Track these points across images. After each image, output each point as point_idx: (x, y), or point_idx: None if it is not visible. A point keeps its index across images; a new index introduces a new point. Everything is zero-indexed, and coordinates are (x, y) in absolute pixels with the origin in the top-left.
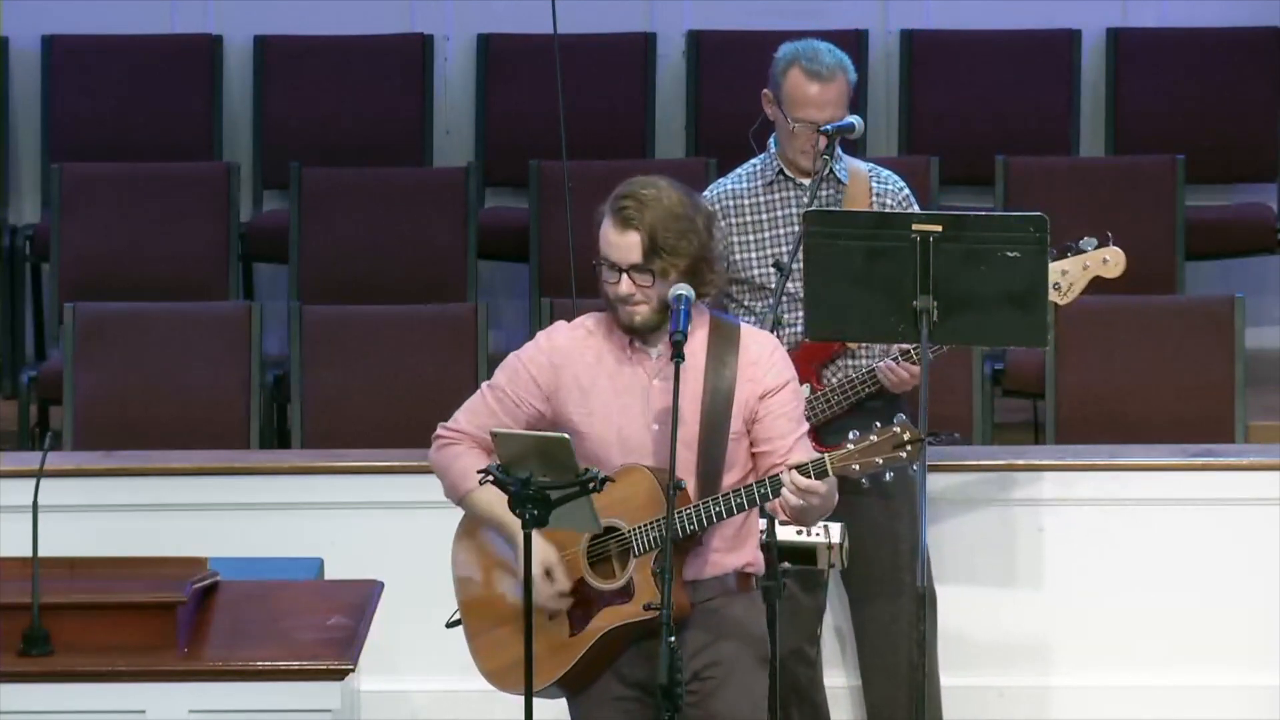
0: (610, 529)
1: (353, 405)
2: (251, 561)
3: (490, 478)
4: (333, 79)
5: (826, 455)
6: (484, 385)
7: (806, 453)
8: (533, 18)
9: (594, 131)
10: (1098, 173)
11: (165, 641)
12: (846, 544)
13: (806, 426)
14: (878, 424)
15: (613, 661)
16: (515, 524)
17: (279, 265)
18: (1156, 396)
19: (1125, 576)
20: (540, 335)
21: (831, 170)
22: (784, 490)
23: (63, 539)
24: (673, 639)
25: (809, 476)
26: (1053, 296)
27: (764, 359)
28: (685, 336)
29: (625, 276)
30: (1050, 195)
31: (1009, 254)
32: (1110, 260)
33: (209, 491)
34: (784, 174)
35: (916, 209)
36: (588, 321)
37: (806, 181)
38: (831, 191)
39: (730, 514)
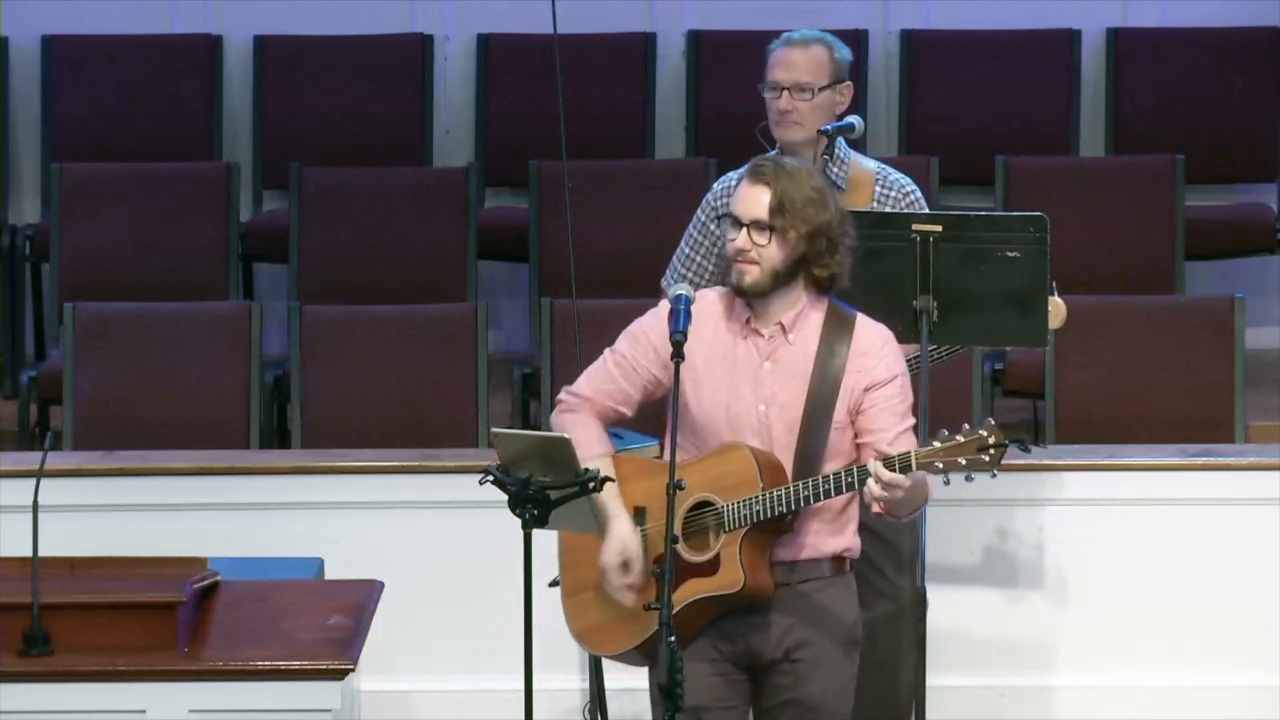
0: (706, 503)
1: (353, 405)
2: (251, 561)
3: (490, 478)
4: (333, 79)
5: (912, 451)
6: (607, 351)
7: (909, 446)
8: (533, 18)
9: (594, 131)
10: (1098, 173)
11: (165, 641)
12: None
13: (912, 421)
14: (966, 425)
15: (702, 631)
16: (612, 506)
17: (279, 265)
18: (1156, 396)
19: (1125, 576)
20: (662, 304)
21: (826, 174)
22: (869, 481)
23: (63, 539)
24: (672, 639)
25: (894, 470)
26: None
27: (875, 350)
28: (685, 337)
29: (745, 231)
30: (1050, 195)
31: (1009, 254)
32: (1053, 311)
33: (209, 491)
34: None
35: (925, 211)
36: (710, 295)
37: None
38: None
39: (818, 499)
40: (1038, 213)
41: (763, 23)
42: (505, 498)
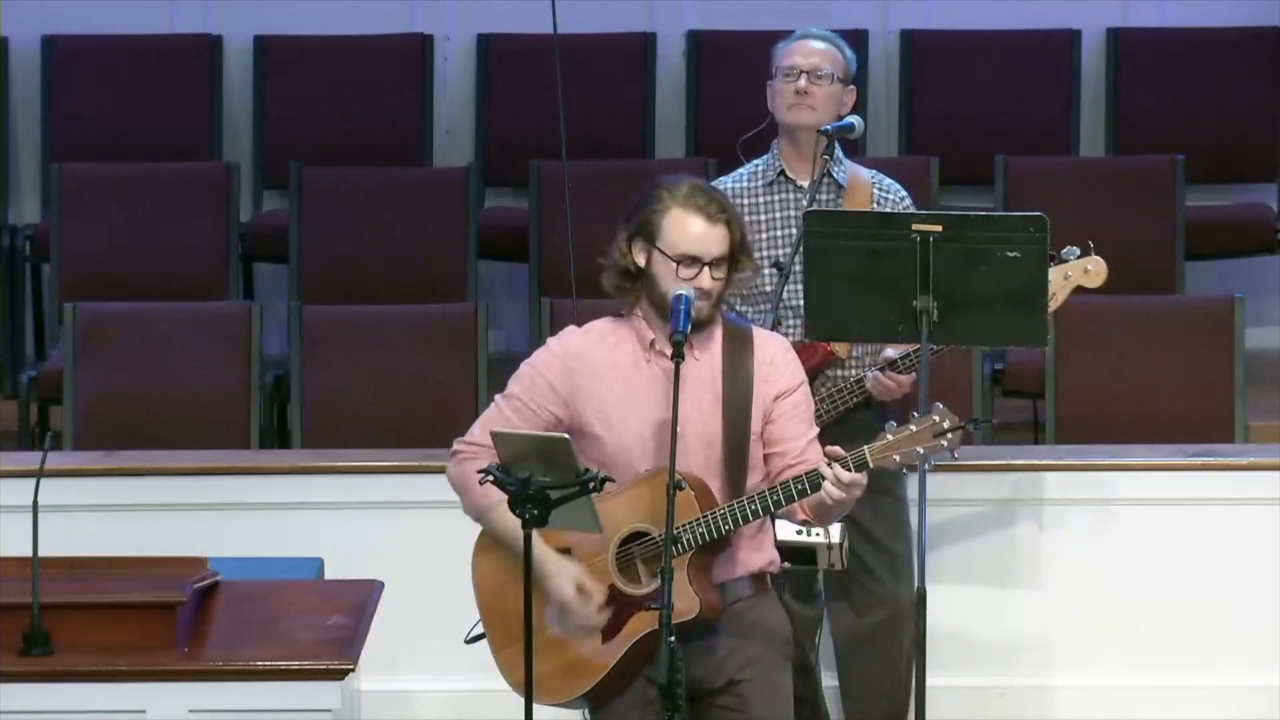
0: (639, 534)
1: (353, 405)
2: (251, 561)
3: (490, 478)
4: (333, 79)
5: (866, 448)
6: (498, 397)
7: (818, 454)
8: (533, 18)
9: (594, 131)
10: (1098, 173)
11: (165, 641)
12: (847, 544)
13: (816, 430)
14: (914, 414)
15: (644, 667)
16: (540, 550)
17: (279, 265)
18: (1156, 396)
19: (1125, 576)
20: (551, 341)
21: (829, 173)
22: (825, 485)
23: (63, 539)
24: (673, 639)
25: (849, 470)
26: None
27: (779, 359)
28: (685, 336)
29: (707, 270)
30: (1050, 195)
31: (1009, 254)
32: (1092, 269)
33: (209, 491)
34: (785, 175)
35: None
36: (598, 325)
37: (806, 183)
38: (831, 196)
39: (766, 513)
40: (1038, 213)
41: (763, 23)
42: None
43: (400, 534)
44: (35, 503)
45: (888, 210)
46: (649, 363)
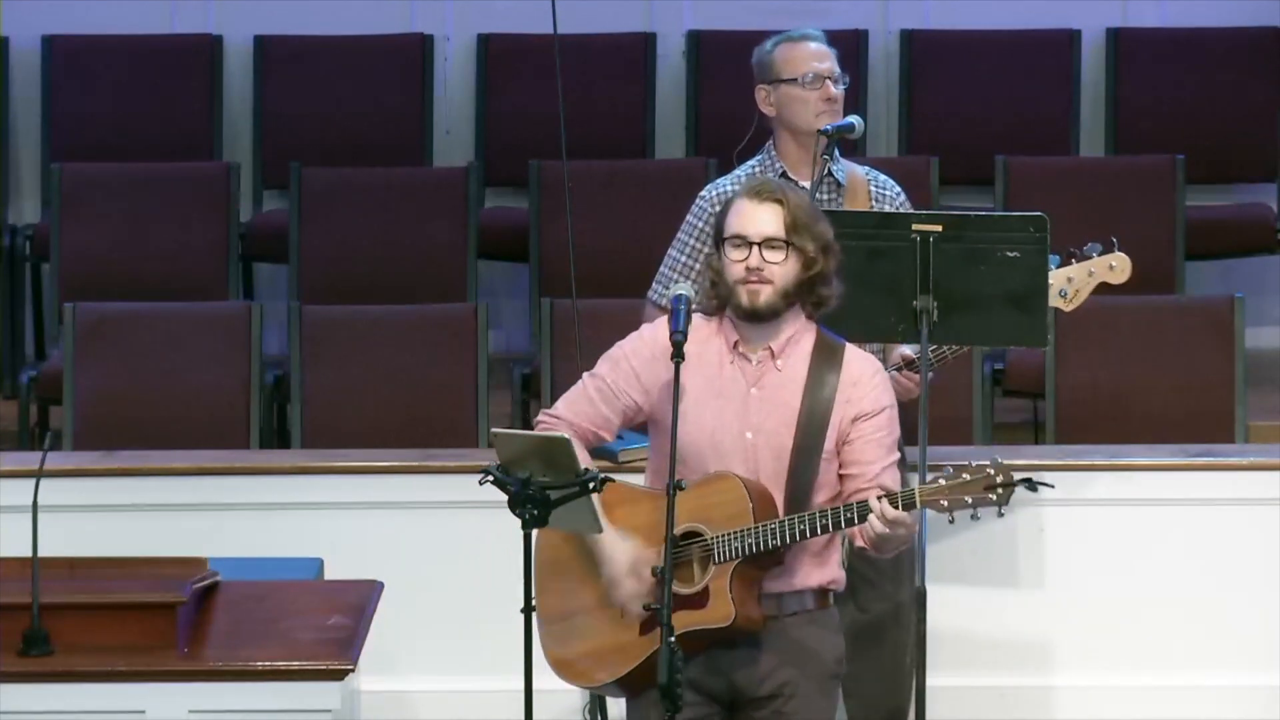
0: (693, 533)
1: (353, 405)
2: (251, 561)
3: (490, 478)
4: (333, 79)
5: (916, 489)
6: (585, 375)
7: (894, 481)
8: (533, 18)
9: (594, 131)
10: (1098, 173)
11: (165, 641)
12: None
13: (897, 455)
14: (971, 462)
15: (683, 664)
16: (603, 528)
17: (279, 265)
18: (1156, 396)
19: (1126, 576)
20: (645, 328)
21: (830, 173)
22: (871, 518)
23: (63, 539)
24: (673, 639)
25: (897, 507)
26: (1058, 303)
27: (865, 381)
28: (685, 336)
29: (757, 250)
30: (1050, 195)
31: (1009, 254)
32: (1117, 266)
33: (209, 491)
34: (786, 176)
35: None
36: (694, 320)
37: (807, 184)
38: (833, 195)
39: (814, 534)
40: (1038, 213)
41: (763, 23)
42: (505, 498)
43: (400, 534)
44: (35, 503)
45: (886, 207)
46: (732, 364)
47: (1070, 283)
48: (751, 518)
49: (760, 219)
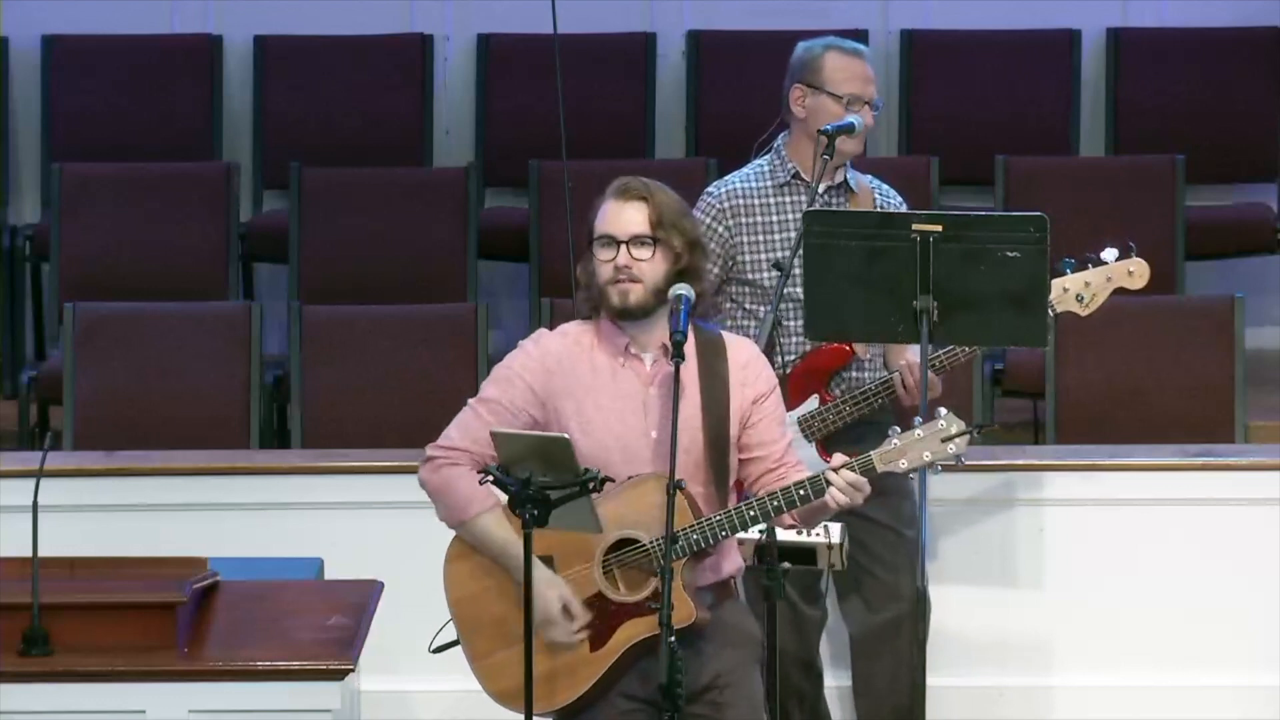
0: (629, 540)
1: (353, 405)
2: (251, 561)
3: (490, 478)
4: (333, 79)
5: (873, 453)
6: (472, 402)
7: (795, 455)
8: (533, 18)
9: (594, 131)
10: (1098, 173)
11: (165, 641)
12: (846, 544)
13: (790, 435)
14: (918, 419)
15: (621, 678)
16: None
17: (279, 265)
18: (1156, 396)
19: (1125, 576)
20: (527, 342)
21: (845, 181)
22: (831, 490)
23: (63, 539)
24: (673, 639)
25: (855, 472)
26: (1074, 308)
27: (753, 363)
28: (685, 336)
29: (624, 249)
30: (1050, 195)
31: (1009, 254)
32: (1135, 271)
33: (209, 491)
34: (799, 177)
35: None
36: (573, 329)
37: (823, 187)
38: (842, 200)
39: (766, 518)
40: (1038, 213)
41: (763, 23)
42: (505, 498)
43: (400, 534)
44: (35, 503)
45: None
46: (624, 365)
47: (1088, 288)
48: (690, 515)
49: (625, 217)
